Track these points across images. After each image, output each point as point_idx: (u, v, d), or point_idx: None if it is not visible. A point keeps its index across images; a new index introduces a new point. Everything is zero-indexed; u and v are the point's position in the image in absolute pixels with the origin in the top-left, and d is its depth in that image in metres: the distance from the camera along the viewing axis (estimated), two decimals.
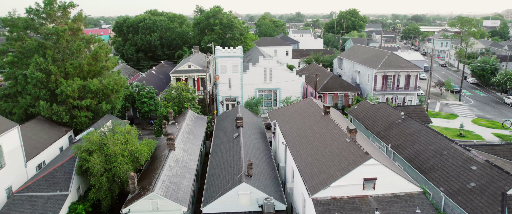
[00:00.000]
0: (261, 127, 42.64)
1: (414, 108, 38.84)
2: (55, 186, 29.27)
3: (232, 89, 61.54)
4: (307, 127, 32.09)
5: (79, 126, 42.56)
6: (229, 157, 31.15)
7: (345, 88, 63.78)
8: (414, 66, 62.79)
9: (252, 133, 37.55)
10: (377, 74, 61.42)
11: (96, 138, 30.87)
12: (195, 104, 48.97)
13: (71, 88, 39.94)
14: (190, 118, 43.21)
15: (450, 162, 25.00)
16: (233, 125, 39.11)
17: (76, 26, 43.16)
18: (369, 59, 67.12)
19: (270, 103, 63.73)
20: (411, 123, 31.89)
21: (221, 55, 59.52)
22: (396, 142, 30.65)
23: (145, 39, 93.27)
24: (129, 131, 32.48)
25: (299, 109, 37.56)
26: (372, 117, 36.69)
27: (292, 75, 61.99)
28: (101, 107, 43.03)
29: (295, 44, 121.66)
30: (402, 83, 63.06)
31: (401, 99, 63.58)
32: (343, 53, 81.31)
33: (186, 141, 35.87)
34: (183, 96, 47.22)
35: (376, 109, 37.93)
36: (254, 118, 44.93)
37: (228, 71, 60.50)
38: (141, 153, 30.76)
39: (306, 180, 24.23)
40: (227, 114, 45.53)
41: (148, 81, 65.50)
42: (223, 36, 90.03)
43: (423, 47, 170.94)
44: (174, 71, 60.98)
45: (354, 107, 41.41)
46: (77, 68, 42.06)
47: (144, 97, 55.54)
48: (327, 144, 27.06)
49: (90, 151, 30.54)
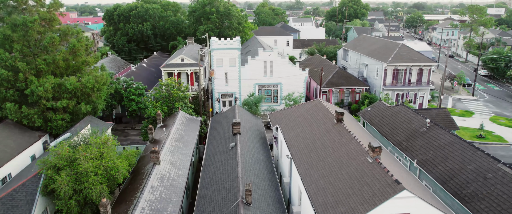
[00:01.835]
0: (261, 130, 37.65)
1: (437, 112, 33.88)
2: (14, 210, 24.34)
3: (229, 85, 56.36)
4: (316, 138, 27.10)
5: (55, 130, 37.50)
6: (224, 174, 26.22)
7: (352, 83, 58.63)
8: (427, 59, 57.58)
9: (251, 140, 32.56)
10: (387, 68, 56.24)
11: (65, 152, 25.87)
12: (187, 103, 43.83)
13: (43, 87, 34.76)
14: (181, 121, 38.16)
15: (500, 189, 20.11)
16: (229, 129, 34.11)
17: (49, 15, 37.70)
18: (378, 51, 61.83)
19: (270, 99, 58.64)
20: (440, 133, 26.91)
21: (217, 47, 54.15)
22: (423, 156, 25.73)
23: (136, 29, 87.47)
24: (105, 142, 27.45)
25: (305, 112, 32.50)
26: (390, 123, 31.68)
27: (294, 69, 56.75)
28: (80, 108, 37.91)
29: (295, 34, 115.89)
30: (414, 78, 57.93)
31: (412, 95, 58.54)
32: (349, 44, 75.91)
33: (174, 151, 30.87)
34: (173, 94, 42.06)
35: (394, 112, 32.88)
36: (253, 119, 39.91)
37: (225, 65, 55.21)
38: (118, 170, 25.78)
39: (319, 212, 19.34)
40: (222, 115, 40.47)
41: (137, 76, 60.23)
42: (220, 25, 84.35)
43: (427, 36, 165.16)
44: (165, 65, 55.64)
45: (367, 109, 36.38)
46: (51, 65, 36.80)
47: (132, 94, 50.39)
48: (343, 164, 22.11)
49: (58, 167, 25.58)
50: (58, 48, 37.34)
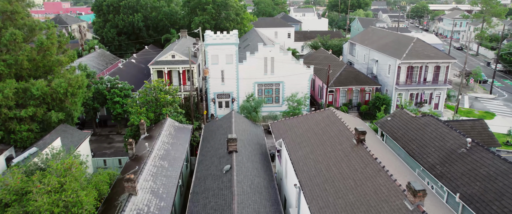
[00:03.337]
0: (262, 142, 32.21)
1: (472, 124, 28.45)
2: None
3: (226, 84, 50.76)
4: (331, 162, 21.71)
5: (20, 143, 32.04)
6: (216, 211, 20.86)
7: (362, 82, 53.02)
8: (445, 55, 51.95)
9: (249, 159, 27.17)
10: (401, 65, 50.63)
11: (15, 182, 20.48)
12: (177, 108, 38.32)
13: (2, 94, 29.21)
14: (168, 131, 32.70)
15: None
16: (224, 144, 28.71)
17: (11, 7, 31.90)
18: (390, 46, 56.14)
19: (271, 99, 53.13)
20: (486, 158, 21.51)
21: (212, 42, 48.40)
22: (467, 189, 20.40)
23: (127, 20, 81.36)
24: (69, 167, 22.01)
25: (316, 125, 27.06)
26: (418, 139, 26.27)
27: (298, 66, 51.12)
28: (50, 116, 32.41)
29: (297, 25, 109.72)
30: (429, 76, 52.37)
31: (428, 95, 53.06)
32: (356, 37, 70.10)
33: (157, 175, 25.48)
34: (160, 99, 36.53)
35: (421, 125, 27.44)
36: (252, 129, 34.46)
37: (221, 62, 49.54)
38: (82, 206, 20.39)
39: None
40: (217, 124, 34.99)
41: (125, 74, 54.51)
42: (217, 16, 78.34)
43: (432, 28, 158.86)
44: (154, 62, 49.94)
45: (387, 118, 30.90)
46: (13, 66, 31.15)
47: (117, 96, 44.85)
48: (371, 207, 16.77)
49: (6, 203, 20.22)
50: (22, 47, 31.61)
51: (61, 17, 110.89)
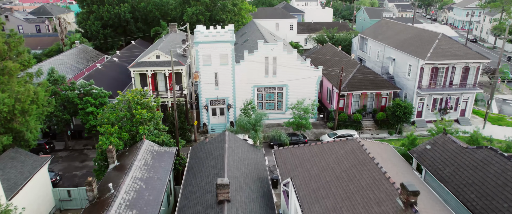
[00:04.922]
0: (263, 175, 25.10)
1: None
2: None
3: (220, 88, 43.51)
4: None
5: None
6: None
7: (378, 86, 45.62)
8: (475, 55, 44.58)
9: (246, 210, 20.09)
10: (425, 66, 43.33)
11: None
12: (158, 124, 31.12)
13: None
14: (144, 160, 25.60)
15: None
16: (213, 184, 21.65)
17: None
18: (410, 43, 48.69)
19: (273, 105, 45.98)
20: None
21: (203, 40, 40.99)
22: None
23: (112, 12, 73.50)
24: None
25: (337, 164, 19.94)
26: (477, 183, 19.21)
27: (304, 68, 43.80)
28: None
29: (299, 15, 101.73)
30: (456, 78, 45.11)
31: (454, 100, 45.87)
32: (367, 31, 62.54)
33: None
34: (136, 115, 29.28)
35: (479, 162, 20.33)
36: (250, 155, 27.32)
37: (214, 63, 42.20)
38: None
39: None
40: (205, 149, 27.78)
41: (104, 76, 47.09)
42: (212, 7, 70.51)
43: (441, 17, 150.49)
44: (135, 64, 42.52)
45: (426, 146, 23.77)
46: None
47: (90, 105, 37.69)
48: None
49: None
50: None
51: (45, 7, 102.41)
